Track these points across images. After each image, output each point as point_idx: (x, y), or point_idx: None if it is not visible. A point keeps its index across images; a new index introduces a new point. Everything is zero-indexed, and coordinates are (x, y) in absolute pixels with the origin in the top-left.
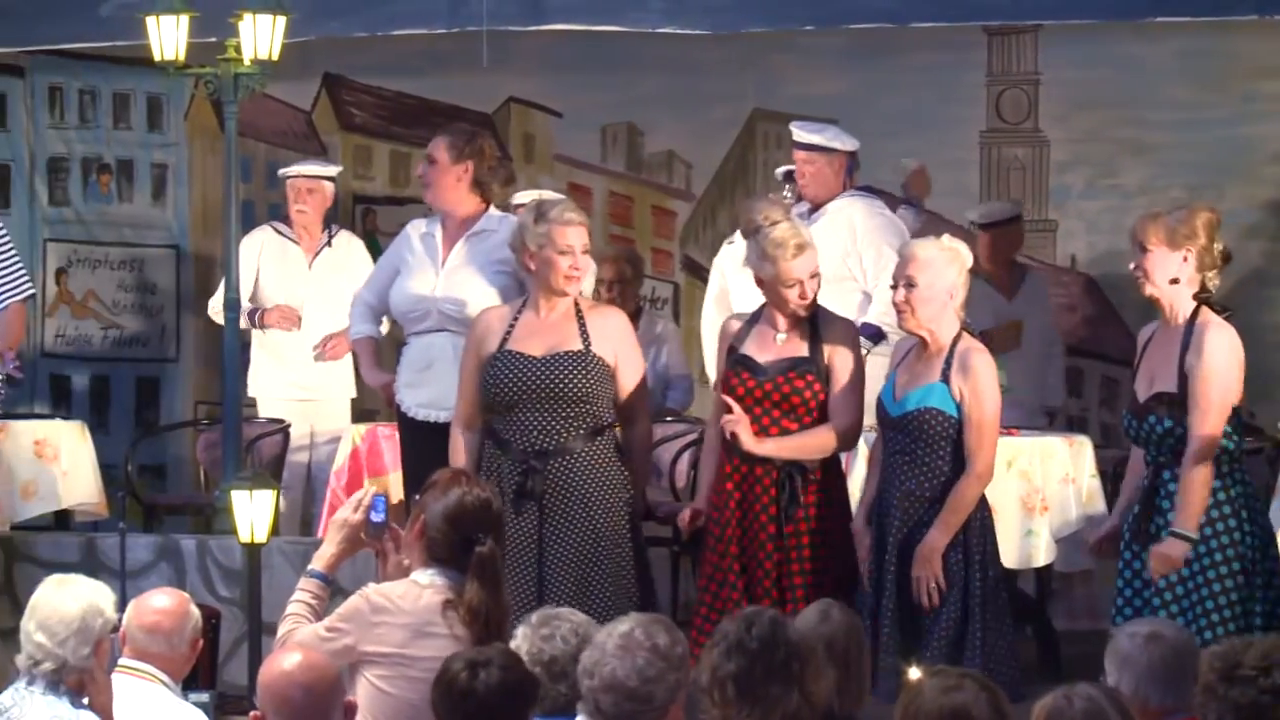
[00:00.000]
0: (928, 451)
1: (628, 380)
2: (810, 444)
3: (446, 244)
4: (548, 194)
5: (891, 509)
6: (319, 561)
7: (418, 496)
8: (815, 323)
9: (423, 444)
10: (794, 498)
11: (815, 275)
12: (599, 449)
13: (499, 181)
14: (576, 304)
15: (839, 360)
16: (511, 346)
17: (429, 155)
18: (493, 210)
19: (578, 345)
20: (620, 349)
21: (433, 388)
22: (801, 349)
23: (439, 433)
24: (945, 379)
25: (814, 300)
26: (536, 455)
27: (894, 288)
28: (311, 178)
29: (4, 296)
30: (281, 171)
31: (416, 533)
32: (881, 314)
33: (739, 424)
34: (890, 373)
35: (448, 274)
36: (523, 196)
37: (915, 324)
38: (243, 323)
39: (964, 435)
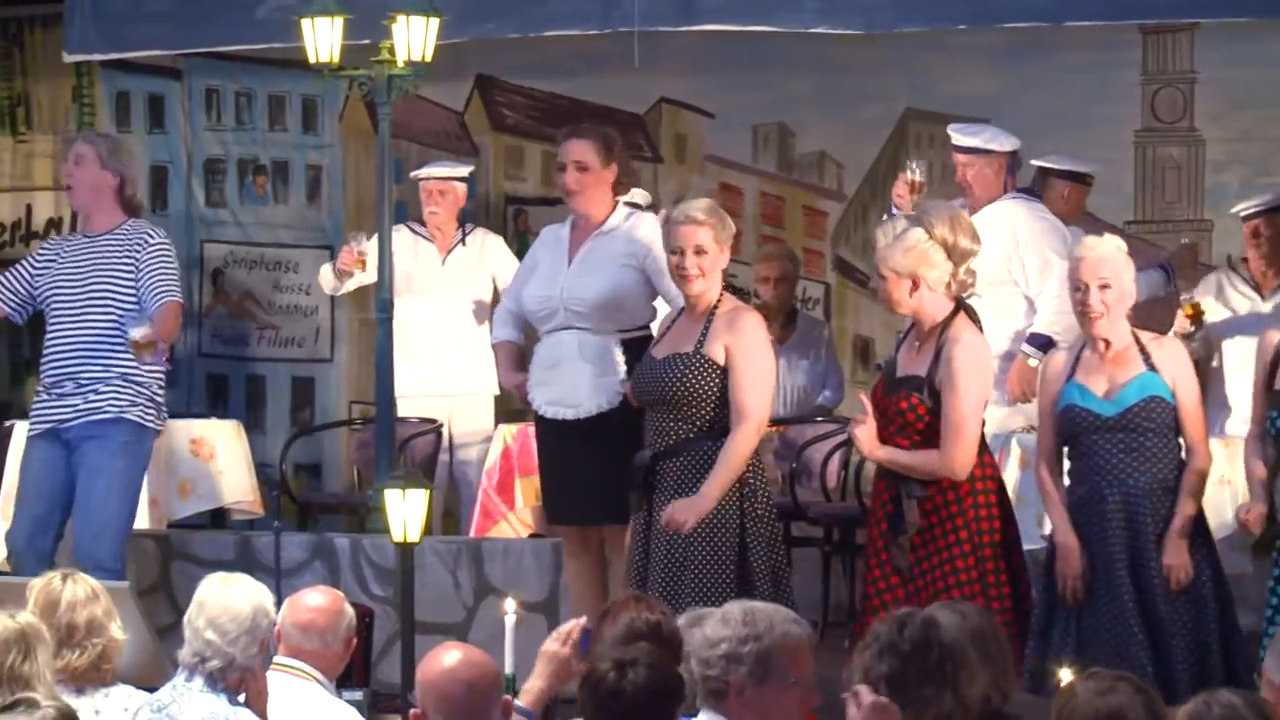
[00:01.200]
0: (1159, 441)
1: (736, 379)
2: (916, 464)
3: (575, 244)
4: (639, 193)
5: (1110, 512)
6: (527, 697)
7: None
8: (942, 340)
9: (551, 440)
10: (899, 514)
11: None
12: (709, 453)
13: (627, 176)
14: (718, 303)
15: (947, 385)
16: (654, 348)
17: (578, 161)
18: (620, 207)
19: (689, 347)
20: (736, 346)
21: (560, 385)
22: (923, 367)
23: (566, 429)
24: (1152, 368)
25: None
26: (655, 455)
27: (1080, 290)
28: (443, 179)
29: (162, 296)
30: (414, 174)
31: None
32: (1050, 323)
33: (859, 426)
34: (1068, 382)
35: (573, 272)
36: (632, 197)
37: (1106, 326)
38: (331, 280)
39: (1182, 427)
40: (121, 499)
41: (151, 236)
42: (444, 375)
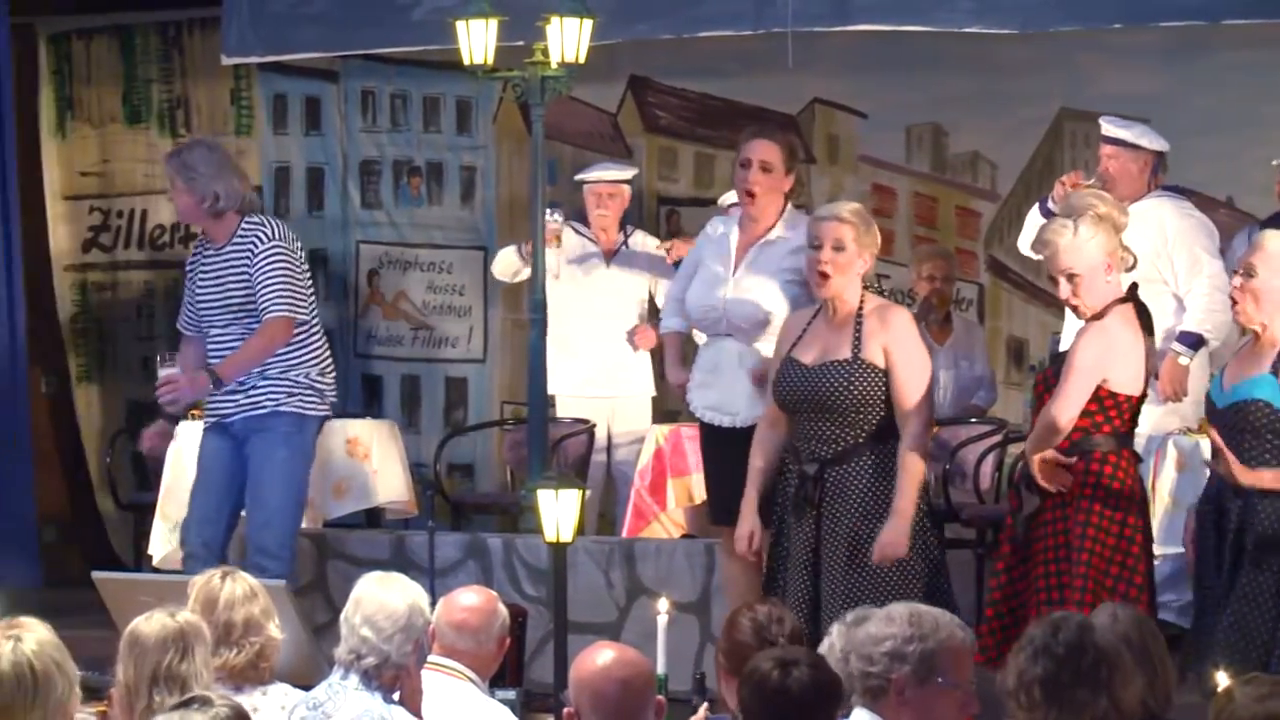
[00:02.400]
0: (1254, 443)
1: (899, 381)
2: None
3: (741, 248)
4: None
5: (1229, 506)
6: None
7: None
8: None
9: (712, 444)
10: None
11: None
12: (880, 457)
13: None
14: (861, 305)
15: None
16: (794, 352)
17: (764, 162)
18: (788, 212)
19: (846, 353)
20: (894, 347)
21: (718, 392)
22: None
23: (725, 435)
24: (1276, 371)
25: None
26: (816, 462)
27: (1235, 273)
28: (612, 182)
29: (266, 310)
30: (579, 176)
31: None
32: (1200, 320)
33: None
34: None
35: (738, 280)
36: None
37: (1248, 315)
38: (516, 262)
39: None
40: (286, 488)
41: (260, 242)
42: (605, 377)
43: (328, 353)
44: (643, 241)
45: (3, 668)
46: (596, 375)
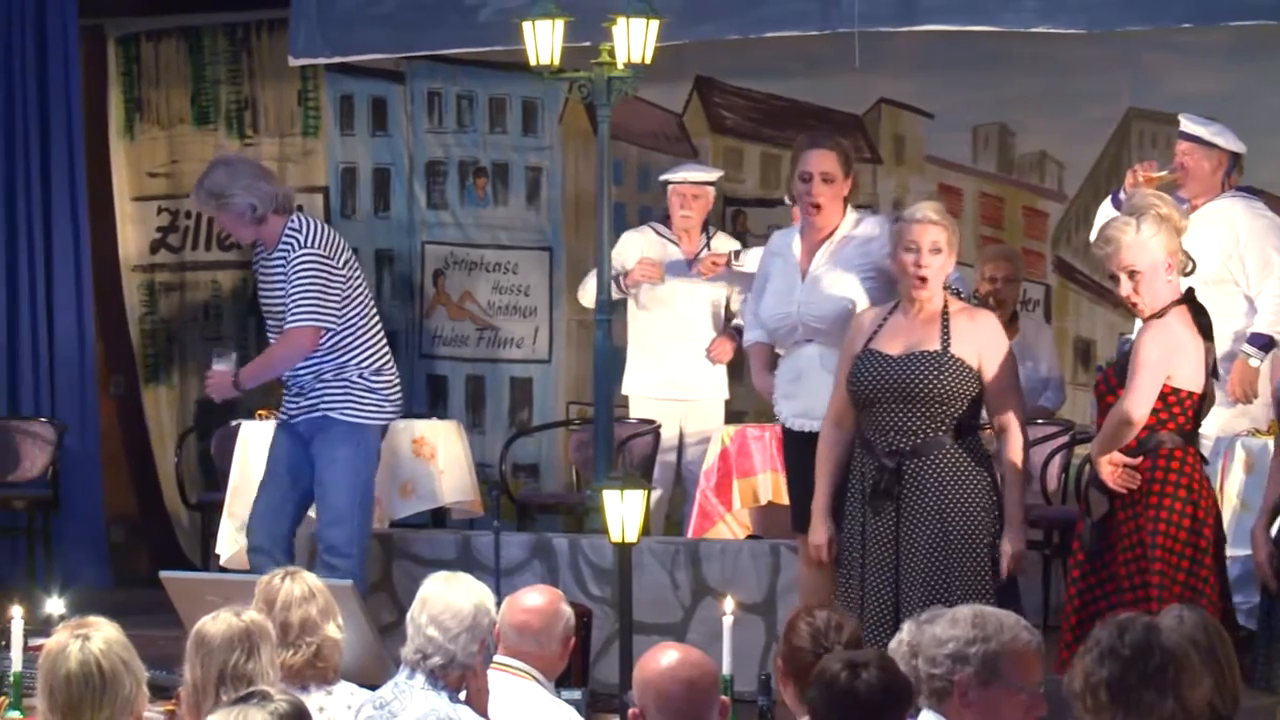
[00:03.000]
0: None
1: (995, 384)
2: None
3: (806, 254)
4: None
5: None
6: None
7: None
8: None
9: (798, 450)
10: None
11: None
12: (959, 451)
13: None
14: (946, 305)
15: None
16: (874, 345)
17: (825, 173)
18: (850, 213)
19: (935, 345)
20: (985, 350)
21: (804, 398)
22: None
23: (812, 442)
24: None
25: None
26: (895, 455)
27: None
28: (697, 184)
29: (290, 320)
30: (663, 177)
31: None
32: (1271, 322)
33: None
34: None
35: (809, 285)
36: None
37: None
38: (614, 293)
39: None
40: (351, 486)
41: (293, 249)
42: (681, 380)
43: (384, 352)
44: (724, 245)
45: (71, 667)
46: (673, 378)
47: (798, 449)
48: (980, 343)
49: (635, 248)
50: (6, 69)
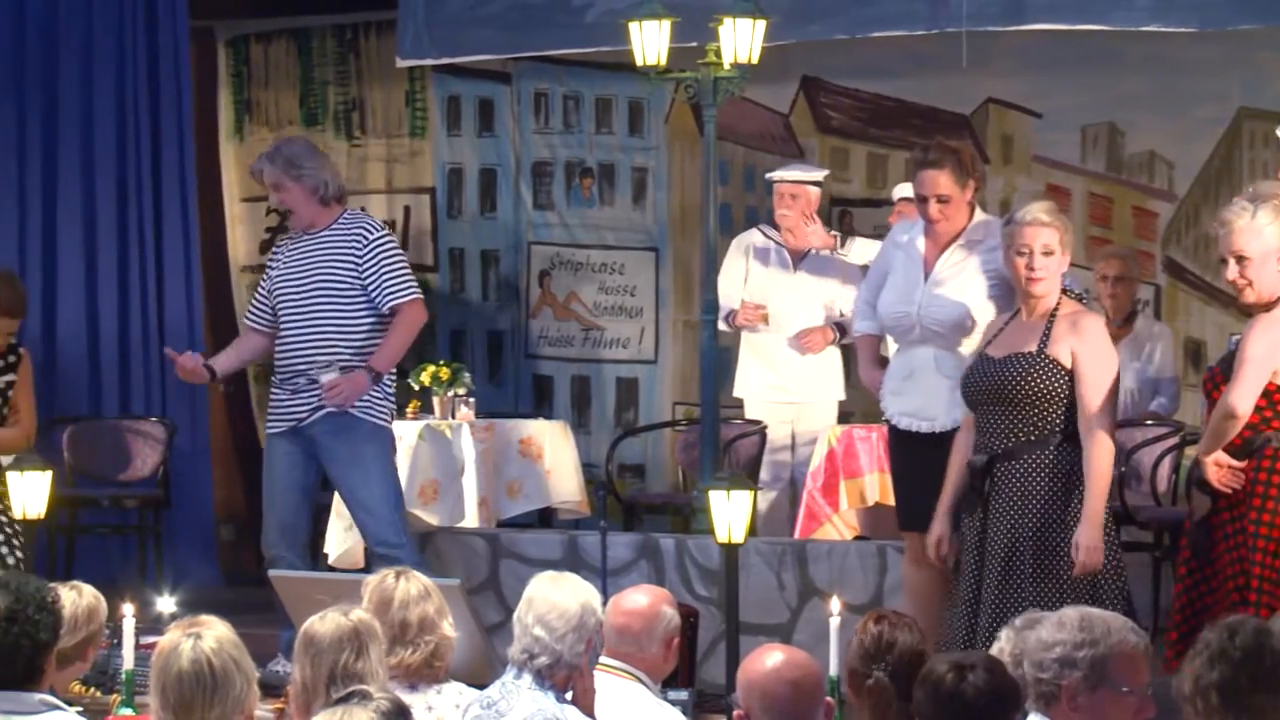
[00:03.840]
0: None
1: (1081, 384)
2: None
3: (932, 255)
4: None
5: None
6: None
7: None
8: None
9: (905, 450)
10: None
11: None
12: (1055, 455)
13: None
14: (1056, 306)
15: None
16: (988, 348)
17: (940, 195)
18: (978, 215)
19: (1032, 347)
20: (1079, 350)
21: (914, 398)
22: None
23: (920, 441)
24: None
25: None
26: (987, 455)
27: None
28: (797, 182)
29: (392, 296)
30: (769, 176)
31: None
32: None
33: None
34: None
35: (932, 286)
36: (902, 190)
37: None
38: (722, 326)
39: None
40: (383, 478)
41: (370, 231)
42: (794, 382)
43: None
44: (823, 236)
45: (182, 665)
46: (786, 380)
47: (903, 447)
48: (1076, 342)
49: (744, 250)
50: (119, 71)
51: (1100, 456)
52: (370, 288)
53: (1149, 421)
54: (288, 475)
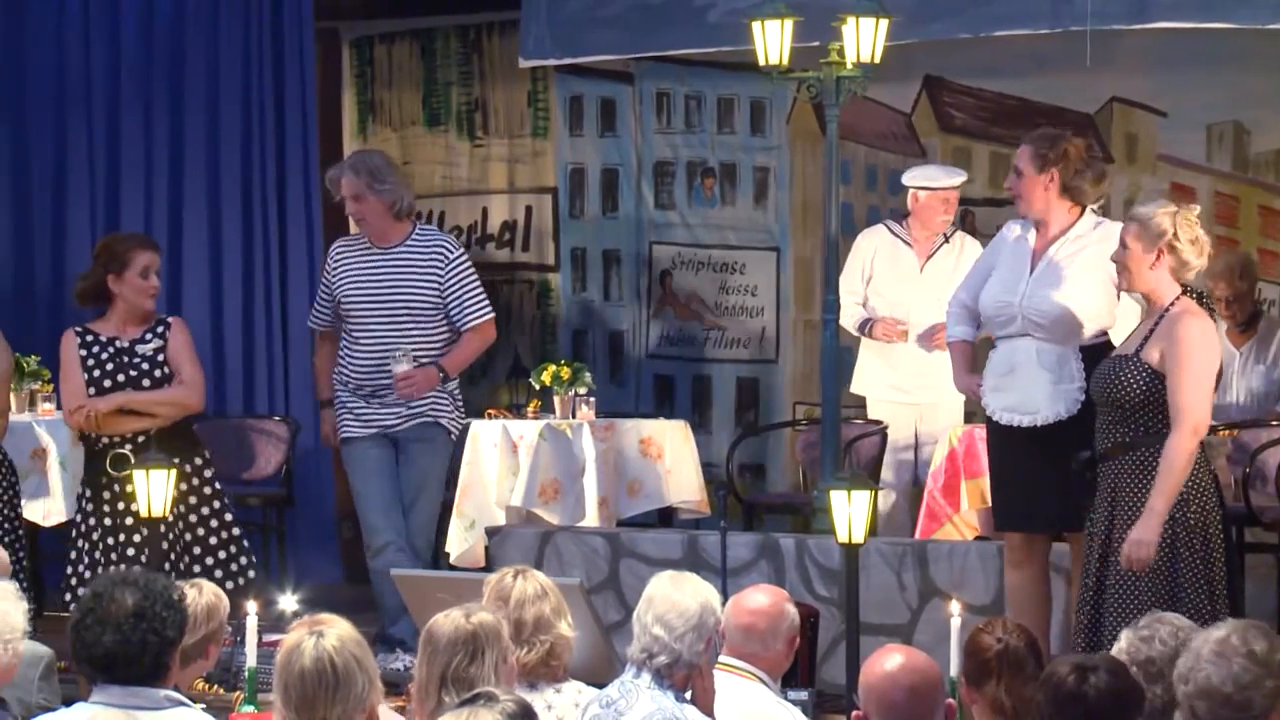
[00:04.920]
0: None
1: (1172, 382)
2: None
3: (1038, 250)
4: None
5: None
6: None
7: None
8: None
9: (1004, 445)
10: None
11: None
12: (1142, 457)
13: (1089, 183)
14: (1170, 306)
15: None
16: (1119, 346)
17: (1015, 166)
18: (1088, 215)
19: (1133, 348)
20: (1170, 351)
21: (1015, 392)
22: None
23: (1020, 436)
24: None
25: None
26: (1093, 457)
27: None
28: (945, 189)
29: (472, 317)
30: (909, 180)
31: None
32: None
33: None
34: None
35: (1036, 282)
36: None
37: None
38: (853, 330)
39: None
40: (437, 492)
41: (450, 250)
42: (914, 382)
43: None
44: (961, 243)
45: (304, 663)
46: (908, 380)
47: (1002, 444)
48: (1167, 344)
49: (870, 248)
50: (244, 72)
51: (1173, 454)
52: (451, 307)
53: (1275, 422)
54: (378, 466)
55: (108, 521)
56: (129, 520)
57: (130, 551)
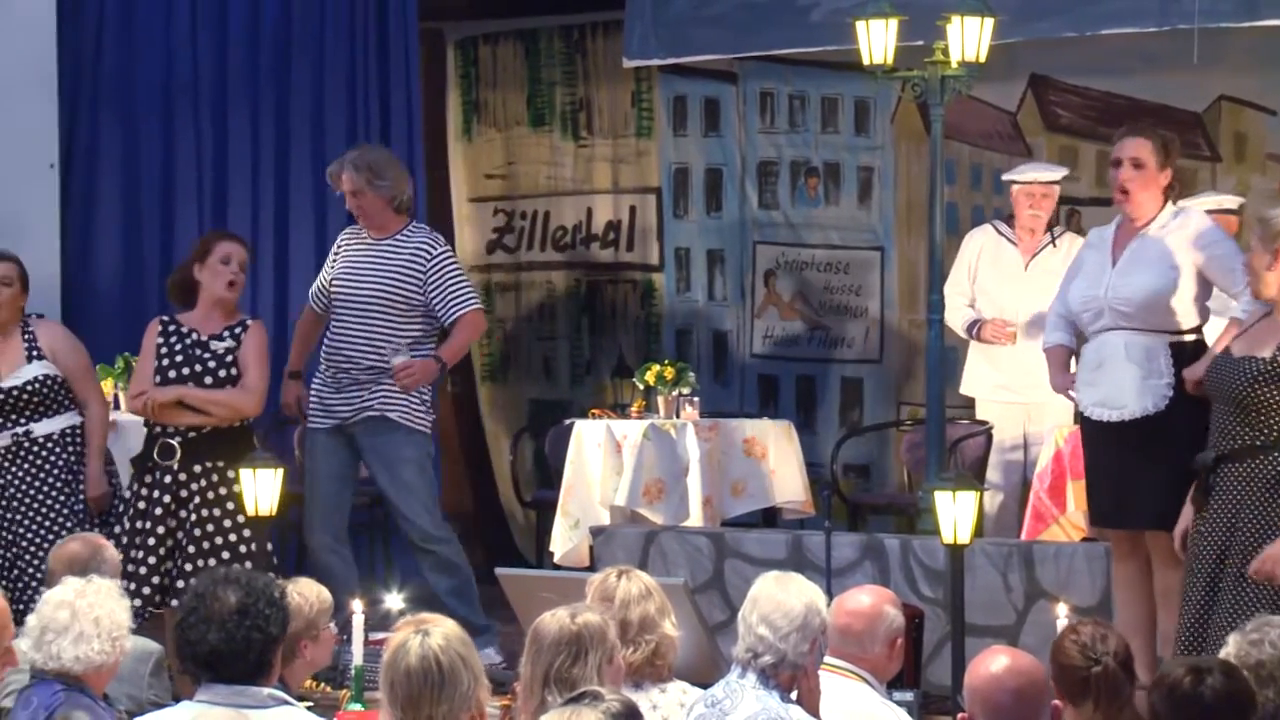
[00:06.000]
0: None
1: None
2: None
3: (1120, 243)
4: (1223, 199)
5: None
6: None
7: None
8: None
9: (1096, 442)
10: None
11: None
12: (1272, 461)
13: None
14: None
15: None
16: (1234, 344)
17: (1135, 158)
18: (1168, 207)
19: (1268, 351)
20: None
21: (1105, 387)
22: None
23: (1111, 431)
24: None
25: None
26: (1217, 455)
27: None
28: (1047, 184)
29: (458, 308)
30: (1008, 177)
31: None
32: None
33: None
34: None
35: (1118, 271)
36: (1200, 201)
37: None
38: (960, 332)
39: None
40: (419, 474)
41: (434, 246)
42: (1020, 381)
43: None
44: (1069, 244)
45: (411, 662)
46: (1013, 380)
47: (1095, 440)
48: None
49: (975, 248)
50: (349, 73)
51: None
52: (434, 301)
53: None
54: (327, 466)
55: (141, 505)
56: (158, 510)
57: (151, 541)
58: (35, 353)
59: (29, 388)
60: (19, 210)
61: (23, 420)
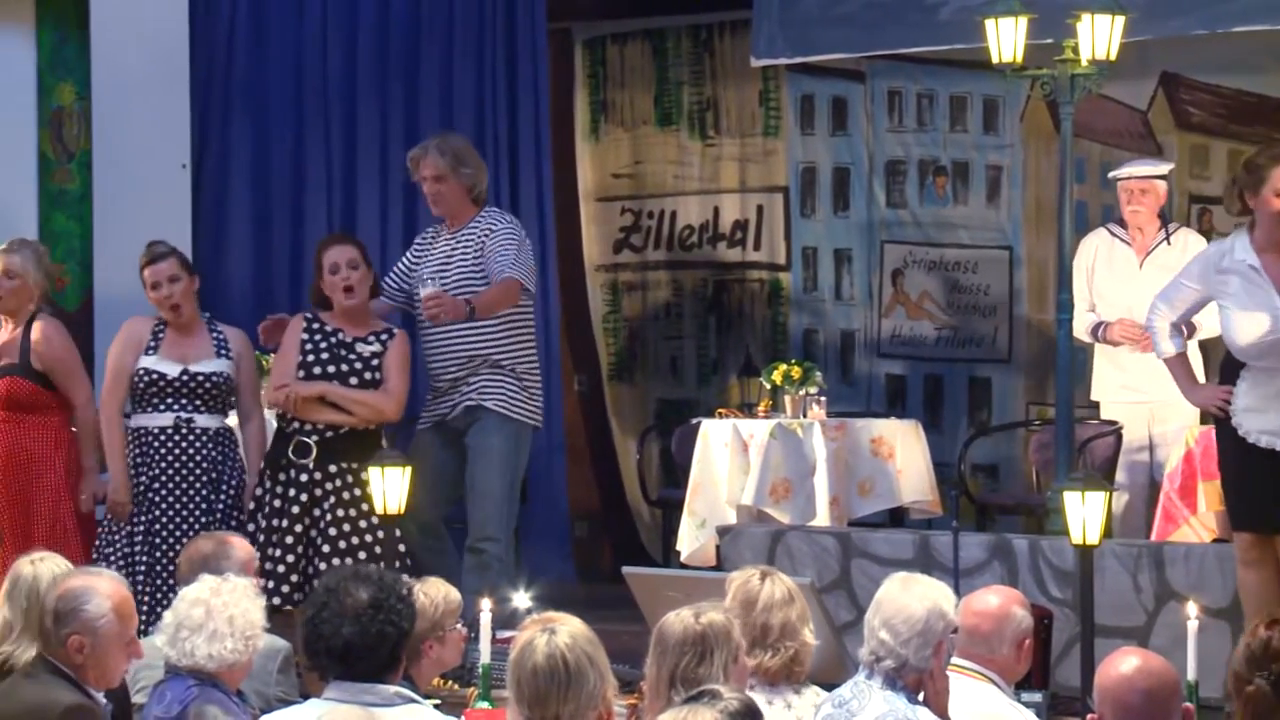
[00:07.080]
0: None
1: None
2: None
3: (1269, 268)
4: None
5: None
6: None
7: None
8: None
9: (1255, 469)
10: None
11: None
12: None
13: None
14: None
15: None
16: None
17: (1276, 190)
18: None
19: None
20: None
21: (1276, 416)
22: None
23: (1273, 460)
24: None
25: None
26: None
27: None
28: (1143, 178)
29: (501, 271)
30: (1112, 174)
31: None
32: None
33: None
34: None
35: None
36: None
37: None
38: (1085, 337)
39: None
40: (501, 472)
41: (499, 222)
42: (1145, 381)
43: (536, 360)
44: (1184, 240)
45: (537, 660)
46: (1137, 380)
47: (1255, 464)
48: None
49: (1091, 251)
50: (478, 72)
51: None
52: (491, 269)
53: None
54: (422, 461)
55: (276, 503)
56: (294, 509)
57: (289, 540)
58: (224, 351)
59: (213, 379)
60: (153, 210)
61: (188, 409)
